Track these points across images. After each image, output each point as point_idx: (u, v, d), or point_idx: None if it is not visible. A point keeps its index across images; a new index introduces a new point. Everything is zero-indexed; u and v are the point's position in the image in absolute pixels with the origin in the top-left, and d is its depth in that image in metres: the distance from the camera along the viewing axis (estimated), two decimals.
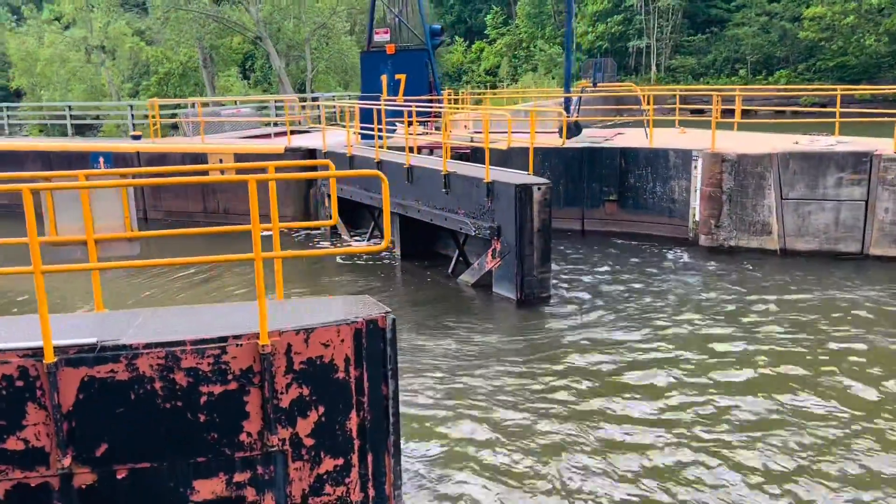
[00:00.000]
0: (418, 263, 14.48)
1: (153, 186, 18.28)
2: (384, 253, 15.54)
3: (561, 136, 17.07)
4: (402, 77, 18.96)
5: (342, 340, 5.10)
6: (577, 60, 60.06)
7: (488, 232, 12.10)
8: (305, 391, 5.08)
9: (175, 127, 22.42)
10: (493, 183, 11.99)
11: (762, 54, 57.41)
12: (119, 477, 4.92)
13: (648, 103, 16.25)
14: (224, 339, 4.91)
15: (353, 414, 5.22)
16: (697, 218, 14.24)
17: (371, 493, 5.37)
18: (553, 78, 56.64)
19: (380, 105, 16.06)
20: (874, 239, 12.78)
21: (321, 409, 5.14)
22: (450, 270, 13.71)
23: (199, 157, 17.90)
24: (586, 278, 12.98)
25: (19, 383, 4.74)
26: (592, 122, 26.36)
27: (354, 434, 5.25)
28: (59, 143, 20.35)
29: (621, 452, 7.03)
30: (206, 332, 4.95)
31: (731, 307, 11.05)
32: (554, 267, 13.64)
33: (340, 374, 5.14)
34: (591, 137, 17.23)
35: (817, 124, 16.00)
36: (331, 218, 16.72)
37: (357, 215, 17.07)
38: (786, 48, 56.72)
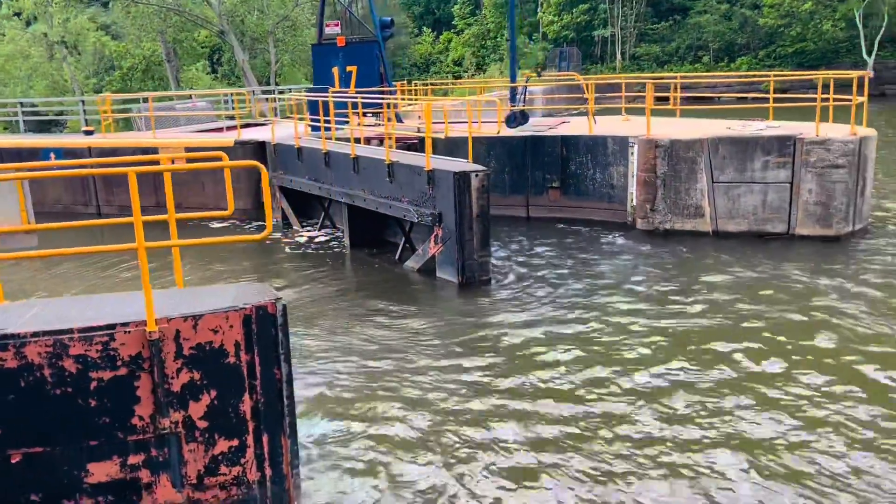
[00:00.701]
0: (367, 251, 14.62)
1: (104, 184, 18.22)
2: (334, 241, 15.68)
3: (507, 125, 17.26)
4: (353, 69, 19.01)
5: (231, 326, 5.23)
6: (544, 50, 60.40)
7: (430, 218, 12.32)
8: (196, 375, 5.21)
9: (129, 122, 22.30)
10: (434, 171, 12.19)
11: (724, 41, 57.95)
12: (14, 461, 5.02)
13: (591, 92, 16.43)
14: (112, 326, 5.02)
15: (246, 397, 5.36)
16: (634, 203, 14.49)
17: (268, 472, 5.52)
18: (520, 67, 56.80)
19: (326, 97, 16.14)
20: (799, 219, 13.11)
21: (213, 393, 5.27)
22: (396, 257, 13.89)
23: (150, 152, 17.86)
24: (527, 262, 13.21)
25: None
26: (558, 112, 26.48)
27: (248, 416, 5.39)
28: (12, 139, 20.20)
29: (542, 424, 7.26)
30: (95, 320, 5.06)
31: (662, 287, 11.33)
32: (498, 252, 13.89)
33: (231, 359, 5.27)
34: (536, 126, 17.40)
35: (757, 111, 16.32)
36: (281, 211, 16.97)
37: (308, 206, 17.14)
38: (746, 35, 57.29)
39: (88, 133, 19.54)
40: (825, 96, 13.10)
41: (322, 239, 16.06)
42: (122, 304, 5.36)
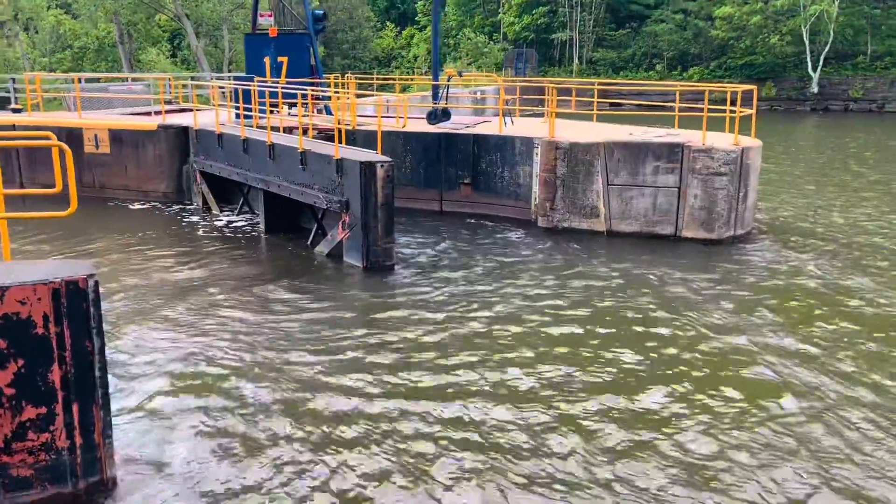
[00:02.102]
0: (282, 236, 14.85)
1: (28, 162, 18.11)
2: (251, 226, 15.82)
3: (428, 122, 17.53)
4: (284, 60, 19.12)
5: (39, 299, 5.41)
6: (503, 50, 60.80)
7: (338, 205, 12.63)
8: (2, 344, 5.38)
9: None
10: (342, 160, 12.52)
11: (678, 51, 58.89)
12: None
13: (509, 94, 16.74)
14: None
15: (56, 367, 5.53)
16: (537, 201, 14.85)
17: (78, 440, 5.70)
18: (479, 67, 57.13)
19: (249, 86, 16.26)
20: (685, 222, 13.58)
21: (21, 362, 5.44)
22: (308, 242, 14.13)
23: (75, 132, 17.79)
24: (432, 252, 13.60)
25: None
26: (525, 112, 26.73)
27: (58, 385, 5.57)
28: None
29: (410, 400, 7.62)
30: None
31: (551, 280, 11.80)
32: (406, 241, 14.24)
33: (39, 330, 5.44)
34: (457, 124, 17.69)
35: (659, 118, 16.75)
36: (202, 195, 17.04)
37: (228, 191, 17.23)
38: (699, 45, 58.26)
39: (17, 111, 19.37)
40: (711, 107, 13.54)
41: (240, 223, 16.18)
42: None
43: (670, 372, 8.37)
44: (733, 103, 14.18)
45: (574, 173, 14.20)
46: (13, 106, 19.92)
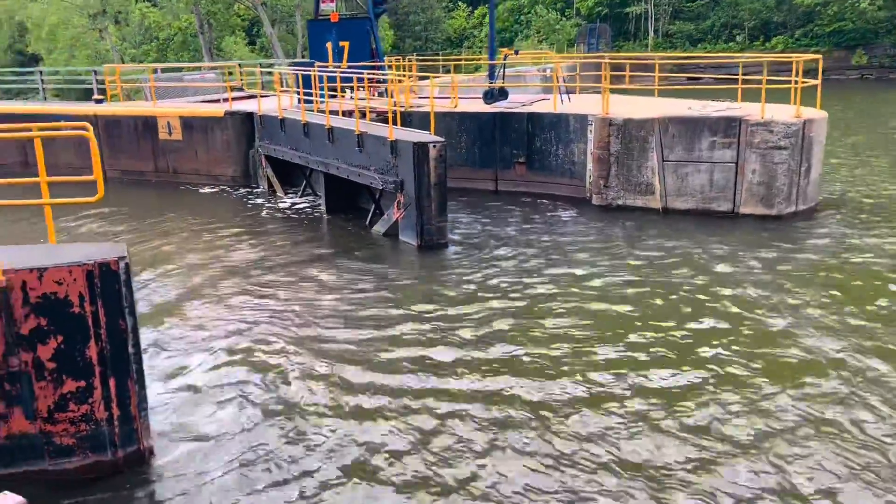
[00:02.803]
0: (342, 217, 15.12)
1: (110, 150, 19.00)
2: (313, 208, 16.17)
3: (484, 101, 17.41)
4: (345, 44, 19.31)
5: (75, 280, 5.71)
6: (576, 26, 59.50)
7: (393, 186, 12.81)
8: (43, 322, 5.72)
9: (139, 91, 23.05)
10: (396, 141, 12.66)
11: (759, 20, 56.24)
12: None
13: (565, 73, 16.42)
14: None
15: (92, 343, 5.84)
16: (591, 179, 14.58)
17: (115, 412, 6.02)
18: (551, 44, 56.14)
19: (310, 71, 16.54)
20: (743, 199, 13.06)
21: (60, 338, 5.77)
22: (367, 222, 14.34)
23: (150, 120, 18.55)
24: (485, 231, 13.62)
25: None
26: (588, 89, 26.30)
27: (95, 361, 5.88)
28: (30, 106, 21.14)
29: (455, 378, 7.70)
30: None
31: (604, 258, 11.59)
32: (461, 220, 14.32)
33: (76, 309, 5.76)
34: (513, 103, 17.50)
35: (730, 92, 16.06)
36: (267, 178, 17.49)
37: (292, 174, 17.62)
38: (783, 13, 55.46)
39: (98, 101, 20.32)
40: (769, 78, 12.90)
41: (303, 205, 16.55)
42: None
43: (724, 353, 8.05)
44: (808, 73, 13.43)
45: (628, 150, 13.85)
46: (95, 97, 20.90)
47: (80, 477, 5.97)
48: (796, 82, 13.05)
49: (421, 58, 25.09)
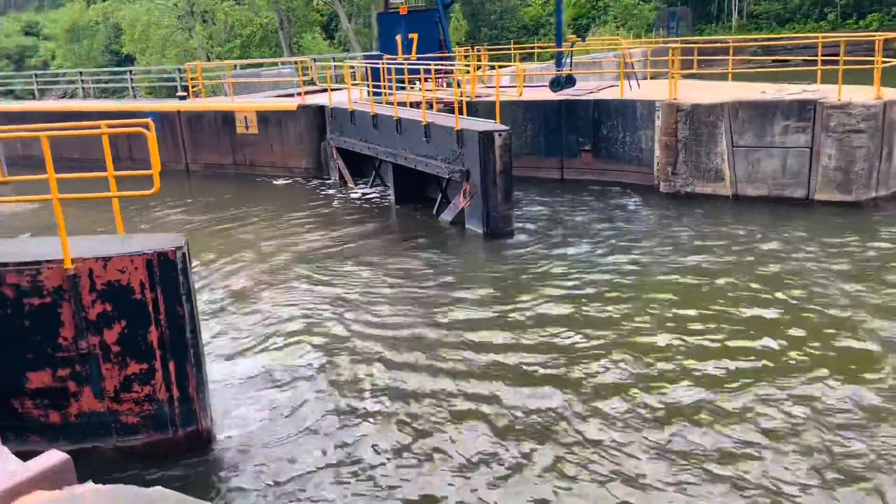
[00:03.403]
0: (411, 206, 15.30)
1: (192, 144, 19.78)
2: (383, 197, 16.40)
3: (552, 89, 17.21)
4: (414, 36, 19.42)
5: (136, 268, 6.00)
6: (654, 10, 57.76)
7: (459, 175, 12.90)
8: (108, 307, 6.04)
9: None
10: (462, 131, 12.73)
11: None
12: None
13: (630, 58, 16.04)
14: (38, 262, 5.92)
15: (153, 328, 6.14)
16: (659, 166, 14.22)
17: (176, 393, 6.31)
18: (629, 30, 54.75)
19: (378, 64, 16.74)
20: (819, 184, 12.46)
21: (123, 323, 6.09)
22: (434, 210, 14.47)
23: (228, 115, 19.19)
24: (551, 218, 13.55)
25: None
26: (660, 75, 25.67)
27: (156, 345, 6.18)
28: (118, 104, 22.22)
29: (512, 352, 7.78)
30: (27, 257, 5.98)
31: (670, 246, 11.32)
32: (527, 208, 14.27)
33: (138, 295, 6.06)
34: (580, 90, 17.22)
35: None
36: (338, 170, 17.82)
37: (361, 165, 17.90)
38: None
39: (182, 98, 21.16)
40: (849, 59, 12.23)
41: (373, 195, 16.81)
42: (52, 246, 6.22)
43: (793, 348, 7.69)
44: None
45: (697, 136, 13.42)
46: (179, 93, 21.77)
47: (145, 453, 6.30)
48: (872, 62, 12.34)
49: (492, 47, 24.95)
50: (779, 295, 9.09)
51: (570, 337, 8.27)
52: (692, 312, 8.74)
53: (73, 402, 6.20)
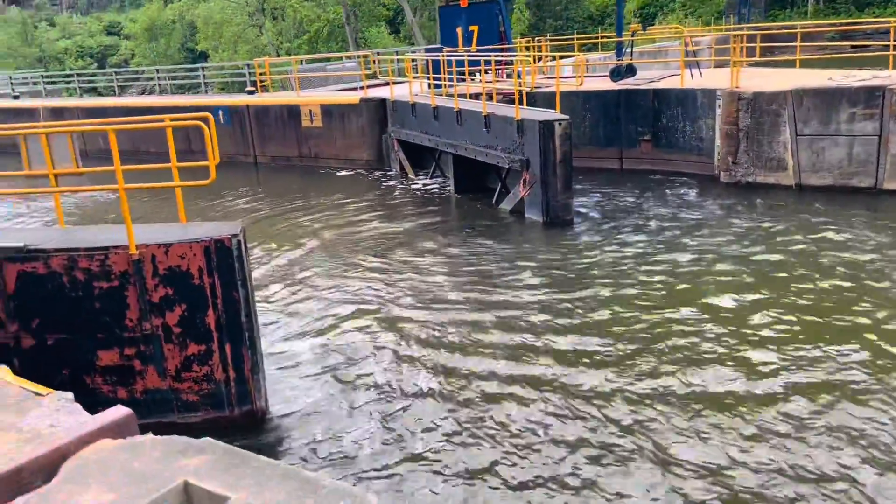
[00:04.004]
0: (470, 196, 15.45)
1: (260, 137, 20.36)
2: (443, 188, 16.56)
3: (612, 79, 17.00)
4: (474, 28, 19.44)
5: (195, 255, 6.30)
6: None
7: (519, 164, 13.01)
8: (170, 291, 6.37)
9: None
10: (522, 121, 12.83)
11: None
12: (49, 343, 6.48)
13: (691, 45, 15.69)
14: (106, 248, 6.29)
15: (210, 312, 6.43)
16: (719, 155, 13.91)
17: (232, 374, 6.60)
18: (699, 17, 53.26)
19: (438, 56, 16.88)
20: (888, 173, 11.97)
21: (184, 306, 6.41)
22: (493, 200, 14.58)
23: (294, 109, 19.66)
24: (610, 208, 13.51)
25: None
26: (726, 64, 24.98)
27: (213, 328, 6.47)
28: (190, 99, 23.02)
29: (573, 336, 7.84)
30: (96, 243, 6.35)
31: (730, 237, 11.11)
32: (586, 198, 14.26)
33: (196, 281, 6.36)
34: (641, 79, 16.95)
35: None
36: (399, 161, 18.04)
37: (422, 157, 18.08)
38: None
39: (250, 93, 21.78)
40: None
41: (433, 186, 16.98)
42: (120, 233, 6.58)
43: (866, 347, 7.37)
44: None
45: (759, 124, 13.07)
46: (248, 88, 22.41)
47: (203, 429, 6.61)
48: None
49: (555, 38, 24.74)
50: (845, 288, 8.80)
51: (625, 324, 8.23)
52: (752, 305, 8.55)
53: (138, 380, 6.56)
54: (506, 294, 9.46)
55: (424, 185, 17.19)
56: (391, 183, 17.70)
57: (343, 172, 19.01)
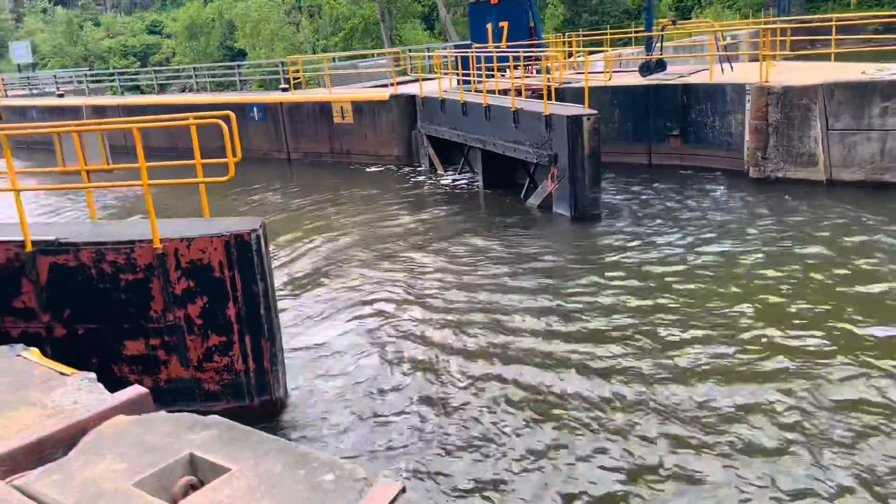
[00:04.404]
0: (498, 191, 15.52)
1: (293, 134, 20.65)
2: (471, 183, 16.62)
3: (641, 74, 16.85)
4: (504, 25, 19.44)
5: (216, 249, 6.47)
6: None
7: (547, 159, 13.06)
8: (192, 284, 6.55)
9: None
10: (551, 115, 12.88)
11: None
12: (80, 332, 6.72)
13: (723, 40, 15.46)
14: (131, 242, 6.50)
15: (231, 305, 6.60)
16: (748, 150, 13.71)
17: (251, 365, 6.77)
18: (738, 10, 52.26)
19: (467, 53, 16.94)
20: None
21: (205, 299, 6.59)
22: (521, 195, 14.62)
23: (326, 106, 19.89)
24: (638, 203, 13.45)
25: (15, 264, 6.65)
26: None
27: (233, 320, 6.64)
28: (226, 97, 23.42)
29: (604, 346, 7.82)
30: (122, 237, 6.57)
31: (758, 233, 11.01)
32: (614, 193, 14.24)
33: (217, 274, 6.53)
34: (671, 74, 16.77)
35: None
36: (428, 157, 18.13)
37: (451, 152, 18.15)
38: None
39: (284, 90, 22.07)
40: None
41: (461, 181, 17.07)
42: (145, 227, 6.79)
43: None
44: None
45: (789, 119, 12.85)
46: (281, 86, 22.71)
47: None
48: None
49: (588, 33, 24.57)
50: (878, 286, 8.61)
51: (652, 320, 8.21)
52: (782, 301, 8.44)
53: (162, 370, 6.77)
54: (529, 286, 9.51)
55: (453, 180, 17.27)
56: (420, 178, 17.81)
57: (373, 168, 19.18)
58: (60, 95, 29.42)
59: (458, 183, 16.96)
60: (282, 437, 6.36)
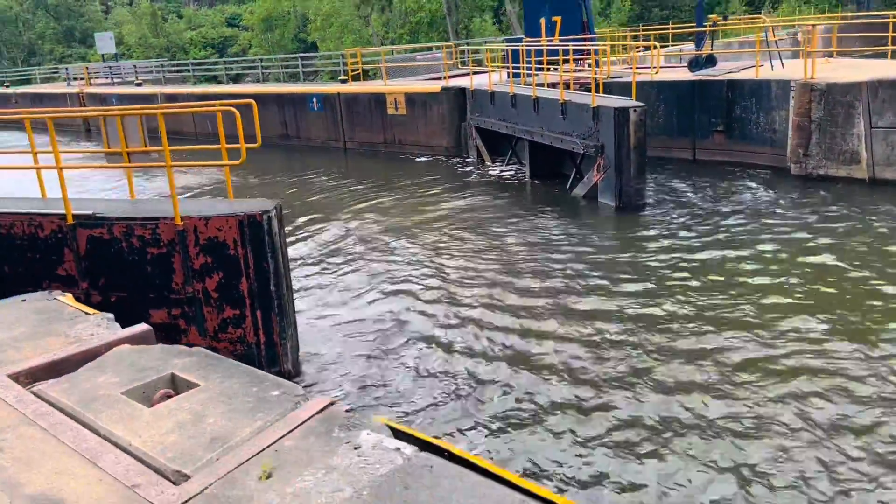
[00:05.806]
0: (545, 182, 15.70)
1: (349, 124, 21.22)
2: (519, 174, 16.77)
3: (690, 70, 16.62)
4: (557, 19, 19.37)
5: (230, 227, 6.93)
6: None
7: (594, 150, 13.23)
8: (209, 259, 7.03)
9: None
10: (598, 107, 13.03)
11: None
12: (112, 300, 7.30)
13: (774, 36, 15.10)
14: (156, 219, 7.02)
15: (244, 280, 7.05)
16: (791, 147, 13.40)
17: (262, 338, 7.21)
18: (816, 5, 50.16)
19: (517, 46, 17.07)
20: None
21: (221, 274, 7.05)
22: (567, 186, 14.76)
23: (380, 97, 20.35)
24: (681, 196, 13.47)
25: (59, 235, 7.28)
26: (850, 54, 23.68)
27: (246, 294, 7.09)
28: (287, 87, 24.17)
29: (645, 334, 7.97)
30: (150, 213, 7.10)
31: (798, 230, 10.87)
32: (658, 186, 14.22)
33: (232, 251, 6.99)
34: (719, 70, 16.47)
35: None
36: (476, 148, 18.34)
37: (499, 144, 18.32)
38: None
39: (343, 82, 22.65)
40: None
41: (509, 172, 17.25)
42: (169, 205, 7.29)
43: None
44: None
45: (832, 116, 12.51)
46: (341, 77, 23.30)
47: None
48: None
49: (648, 28, 24.23)
50: None
51: (691, 311, 8.19)
52: (819, 299, 8.32)
53: (182, 339, 7.27)
54: (569, 272, 9.67)
55: (500, 171, 17.47)
56: (468, 169, 18.06)
57: (423, 158, 19.53)
58: (139, 84, 30.93)
59: (504, 173, 17.15)
60: None
